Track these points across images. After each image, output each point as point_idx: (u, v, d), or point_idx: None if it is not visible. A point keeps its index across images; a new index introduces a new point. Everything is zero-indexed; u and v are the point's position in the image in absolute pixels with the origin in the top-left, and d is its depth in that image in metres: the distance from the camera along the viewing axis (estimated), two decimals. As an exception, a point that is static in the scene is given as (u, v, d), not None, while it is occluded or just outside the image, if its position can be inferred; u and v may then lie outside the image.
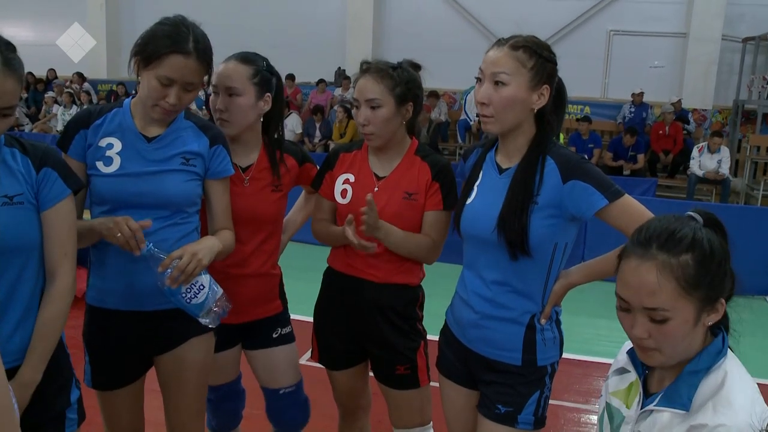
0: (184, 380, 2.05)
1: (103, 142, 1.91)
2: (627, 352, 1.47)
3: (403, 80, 2.10)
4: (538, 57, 1.73)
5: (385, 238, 2.08)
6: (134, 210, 1.89)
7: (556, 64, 1.77)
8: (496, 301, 1.82)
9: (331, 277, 2.30)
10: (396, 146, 2.19)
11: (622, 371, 1.48)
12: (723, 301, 1.30)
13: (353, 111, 2.18)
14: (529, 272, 1.78)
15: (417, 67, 2.22)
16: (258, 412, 3.55)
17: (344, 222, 2.05)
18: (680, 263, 1.26)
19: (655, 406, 1.32)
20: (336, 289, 2.27)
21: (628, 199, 1.71)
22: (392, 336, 2.20)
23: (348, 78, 11.84)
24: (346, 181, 2.20)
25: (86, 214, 2.09)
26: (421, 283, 2.29)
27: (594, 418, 3.64)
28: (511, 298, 1.81)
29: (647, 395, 1.39)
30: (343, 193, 2.19)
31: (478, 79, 1.77)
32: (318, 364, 2.45)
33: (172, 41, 1.81)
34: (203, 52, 1.85)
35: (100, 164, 1.90)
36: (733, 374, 1.29)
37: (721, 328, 1.35)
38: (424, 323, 2.30)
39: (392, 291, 2.18)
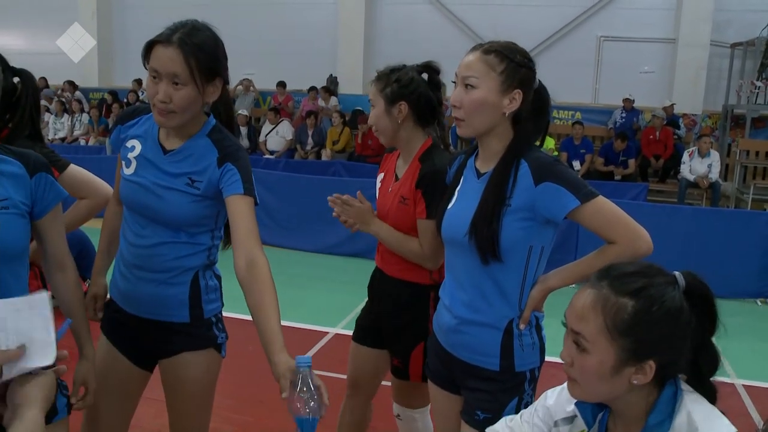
0: (182, 393, 2.01)
1: (129, 143, 1.94)
2: (575, 404, 1.42)
3: (395, 81, 2.20)
4: (510, 61, 1.74)
5: (370, 230, 2.28)
6: (141, 219, 1.91)
7: (531, 69, 1.77)
8: (474, 305, 1.81)
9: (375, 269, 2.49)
10: (406, 147, 2.28)
11: (572, 420, 1.44)
12: (652, 363, 1.23)
13: None
14: (504, 276, 1.78)
15: (431, 69, 2.27)
16: (251, 419, 3.54)
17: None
18: (617, 304, 1.23)
19: None
20: (373, 278, 2.48)
21: (601, 200, 1.70)
22: (394, 329, 2.33)
23: (329, 91, 11.85)
24: (380, 180, 2.40)
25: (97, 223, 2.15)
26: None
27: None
28: (488, 302, 1.80)
29: None
30: (378, 190, 2.39)
31: (455, 83, 1.80)
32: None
33: (163, 32, 1.76)
34: (188, 45, 1.74)
35: (123, 164, 1.94)
36: (699, 414, 1.23)
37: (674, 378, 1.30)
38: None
39: (400, 286, 2.30)
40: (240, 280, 1.75)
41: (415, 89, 2.22)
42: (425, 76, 2.27)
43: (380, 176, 2.41)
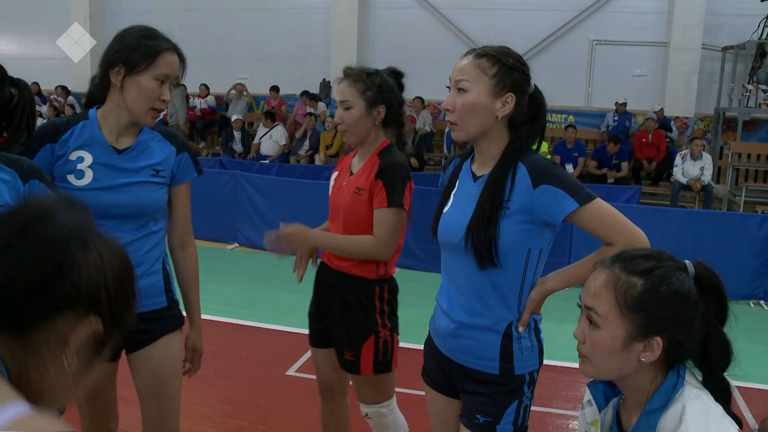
0: (165, 376, 2.10)
1: (74, 156, 1.95)
2: (587, 385, 1.50)
3: (374, 84, 2.30)
4: (502, 65, 1.74)
5: (314, 245, 2.37)
6: (108, 221, 1.93)
7: (524, 72, 1.78)
8: (472, 309, 1.82)
9: (319, 264, 2.54)
10: (369, 145, 2.38)
11: (591, 403, 1.52)
12: (659, 340, 1.30)
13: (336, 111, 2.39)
14: (503, 279, 1.78)
15: (398, 74, 2.40)
16: (246, 423, 3.54)
17: (330, 211, 2.42)
18: (628, 282, 1.31)
19: None
20: (318, 273, 2.53)
21: (599, 202, 1.71)
22: (344, 322, 2.40)
23: (314, 98, 11.86)
24: (335, 178, 2.48)
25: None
26: (392, 278, 2.43)
27: (582, 425, 3.65)
28: (486, 305, 1.80)
29: (620, 429, 1.41)
30: (331, 187, 2.46)
31: (449, 88, 1.81)
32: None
33: (162, 40, 1.93)
34: (179, 48, 1.98)
35: (71, 177, 1.94)
36: (692, 408, 1.27)
37: (680, 363, 1.35)
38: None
39: (348, 281, 2.38)
40: (172, 254, 2.14)
41: (395, 94, 2.36)
42: None
43: (334, 175, 2.49)
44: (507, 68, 1.75)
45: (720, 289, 1.35)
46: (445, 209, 1.88)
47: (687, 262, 1.35)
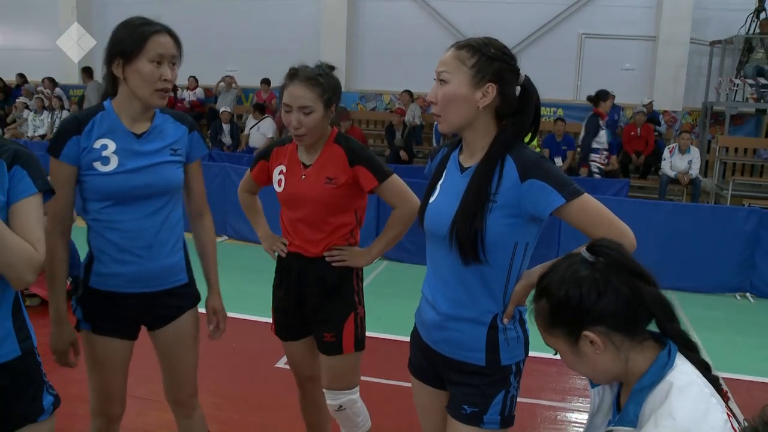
0: (189, 348, 2.29)
1: (98, 144, 2.05)
2: None
3: (330, 87, 2.33)
4: (481, 55, 1.73)
5: (377, 256, 2.47)
6: (135, 202, 2.08)
7: (507, 62, 1.76)
8: (458, 300, 1.82)
9: (280, 256, 2.57)
10: (320, 138, 2.42)
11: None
12: (590, 333, 1.38)
13: (283, 114, 2.35)
14: (489, 272, 1.78)
15: (333, 68, 2.43)
16: (236, 416, 3.54)
17: (285, 206, 2.47)
18: (539, 308, 1.48)
19: (613, 425, 1.41)
20: (283, 265, 2.55)
21: (586, 198, 1.71)
22: (324, 305, 2.46)
23: None
24: (281, 172, 2.47)
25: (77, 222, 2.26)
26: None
27: (570, 416, 3.68)
28: (472, 298, 1.80)
29: (619, 410, 1.46)
30: (279, 182, 2.47)
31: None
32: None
33: (147, 25, 2.00)
34: (170, 28, 2.06)
35: (97, 164, 2.05)
36: (678, 386, 1.31)
37: (667, 341, 1.40)
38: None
39: (325, 263, 2.44)
40: (191, 224, 2.30)
41: (341, 90, 2.42)
42: None
43: (279, 168, 2.48)
44: (487, 58, 1.74)
45: (620, 254, 1.42)
46: (432, 199, 1.87)
47: (580, 249, 1.46)
